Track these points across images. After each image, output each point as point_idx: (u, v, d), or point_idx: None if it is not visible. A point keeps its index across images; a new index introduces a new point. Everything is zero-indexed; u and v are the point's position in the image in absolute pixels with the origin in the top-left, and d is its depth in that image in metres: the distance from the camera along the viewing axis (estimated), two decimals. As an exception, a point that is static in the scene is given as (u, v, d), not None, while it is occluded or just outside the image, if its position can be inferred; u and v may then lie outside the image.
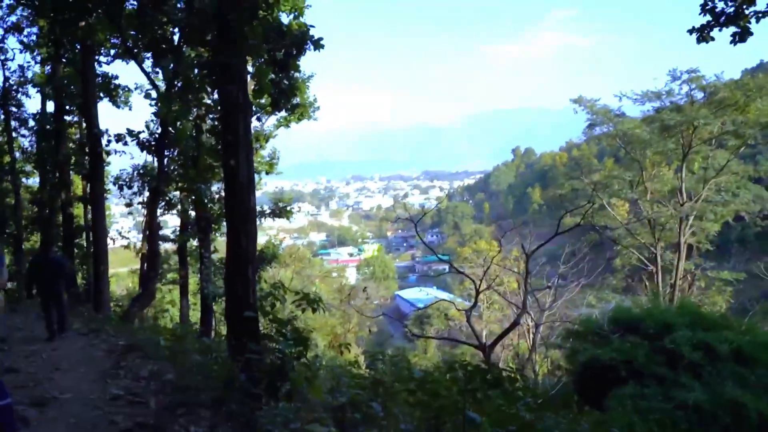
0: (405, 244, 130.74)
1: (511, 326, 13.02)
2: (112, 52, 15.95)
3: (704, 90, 20.72)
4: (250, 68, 9.46)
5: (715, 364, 8.87)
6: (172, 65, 10.53)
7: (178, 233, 17.13)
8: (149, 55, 12.81)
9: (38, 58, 18.10)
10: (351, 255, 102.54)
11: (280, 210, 18.45)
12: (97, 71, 15.13)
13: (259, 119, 17.67)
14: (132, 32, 11.10)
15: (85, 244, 20.20)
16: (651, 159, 23.48)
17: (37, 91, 18.22)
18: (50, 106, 17.65)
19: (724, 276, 22.03)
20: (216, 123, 12.89)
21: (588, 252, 21.89)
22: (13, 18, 17.12)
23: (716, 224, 22.59)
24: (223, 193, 10.84)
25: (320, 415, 4.61)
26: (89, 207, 18.46)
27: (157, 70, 13.86)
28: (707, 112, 19.54)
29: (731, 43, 6.86)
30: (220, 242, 16.11)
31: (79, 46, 13.42)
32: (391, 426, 4.57)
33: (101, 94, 16.47)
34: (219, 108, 6.18)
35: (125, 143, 14.28)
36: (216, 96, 9.15)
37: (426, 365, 19.62)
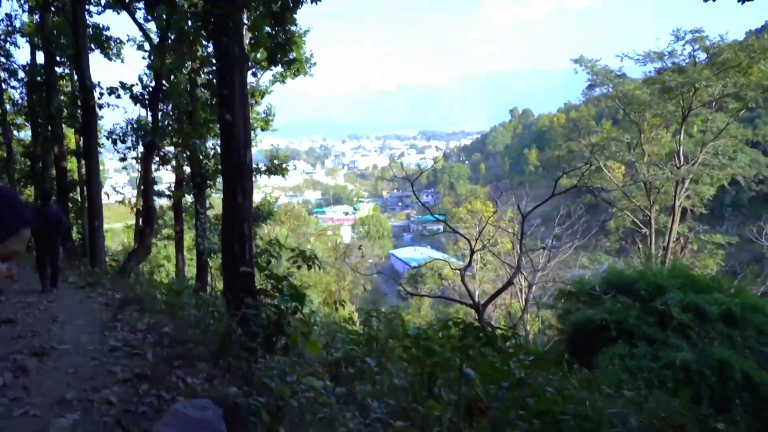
0: (400, 204, 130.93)
1: (505, 286, 13.16)
2: (103, 1, 15.50)
3: (707, 51, 20.39)
4: (246, 20, 9.22)
5: (704, 325, 9.05)
6: (165, 16, 10.23)
7: (173, 189, 17.05)
8: (141, 5, 12.45)
9: (26, 6, 17.55)
10: (346, 214, 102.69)
11: (276, 167, 18.34)
12: (88, 21, 14.72)
13: (254, 74, 17.36)
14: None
15: (79, 199, 20.10)
16: (650, 121, 23.31)
17: (27, 41, 17.73)
18: (40, 57, 17.23)
19: (717, 239, 22.25)
20: (211, 77, 12.64)
21: (583, 214, 21.96)
22: (-1, -37, 16.54)
23: (712, 188, 22.65)
24: (218, 149, 10.71)
25: (317, 369, 4.69)
26: (83, 161, 18.31)
27: (150, 20, 13.48)
28: (709, 73, 19.27)
29: (739, 1, 6.69)
30: (215, 198, 16.05)
31: (68, -6, 13.01)
32: (385, 381, 4.65)
33: (92, 46, 16.07)
34: (214, 61, 6.04)
35: (118, 96, 14.02)
36: (211, 49, 8.92)
37: (420, 323, 19.94)
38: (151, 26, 14.25)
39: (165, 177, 23.47)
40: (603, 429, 3.48)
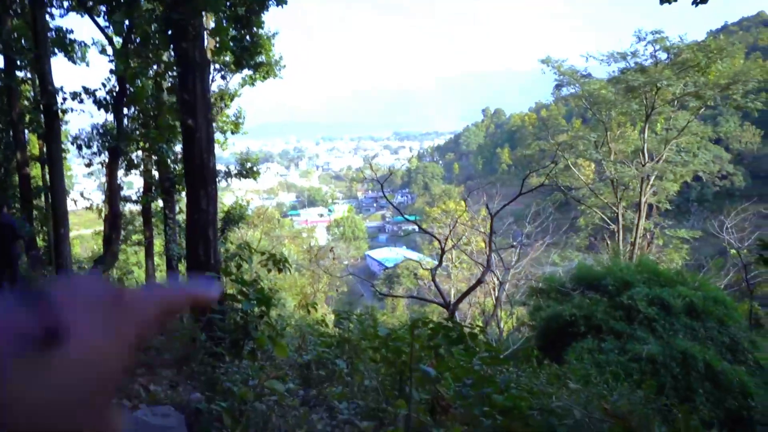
0: (375, 205, 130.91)
1: (475, 284, 13.29)
2: (65, 4, 15.17)
3: (668, 51, 20.95)
4: (212, 24, 9.14)
5: (668, 318, 9.30)
6: (127, 20, 10.08)
7: (141, 194, 16.77)
8: (104, 8, 12.22)
9: (-16, 10, 17.05)
10: (321, 216, 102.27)
11: (247, 170, 18.18)
12: (51, 25, 14.39)
13: (223, 77, 17.19)
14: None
15: (44, 206, 19.61)
16: (615, 119, 23.82)
17: (-14, 45, 17.24)
18: (0, 62, 16.78)
19: (681, 234, 22.86)
20: (174, 81, 12.48)
21: (553, 212, 22.31)
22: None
23: (675, 184, 23.25)
24: (186, 154, 10.59)
25: (285, 373, 4.68)
26: (47, 168, 17.87)
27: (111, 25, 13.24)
28: (670, 73, 19.80)
29: (693, 3, 6.90)
30: (184, 203, 15.82)
31: (28, -2, 12.71)
32: (355, 382, 4.67)
33: (56, 50, 15.71)
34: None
35: (81, 101, 13.73)
36: (175, 53, 8.83)
37: (394, 324, 19.98)
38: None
39: (136, 182, 23.09)
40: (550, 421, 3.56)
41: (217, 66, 15.86)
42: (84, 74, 15.04)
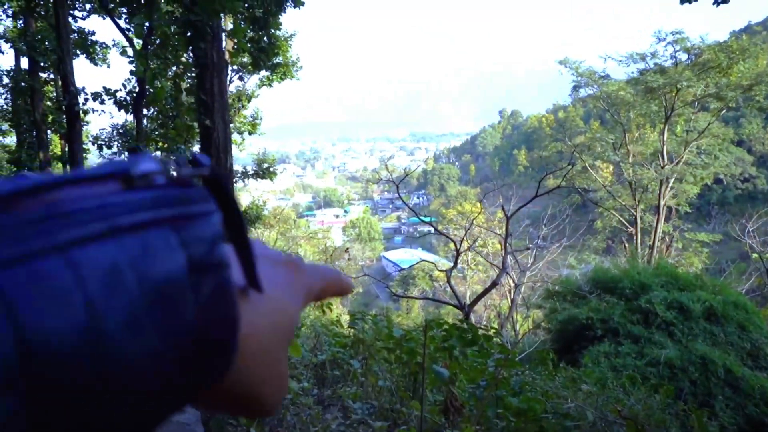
0: (391, 206, 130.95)
1: (490, 286, 13.22)
2: (88, 7, 15.42)
3: (688, 52, 20.69)
4: (230, 26, 9.23)
5: (687, 322, 9.18)
6: (147, 22, 10.22)
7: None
8: (125, 10, 12.39)
9: (9, 12, 17.43)
10: (337, 216, 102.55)
11: (264, 171, 18.33)
12: (73, 27, 14.65)
13: (241, 78, 17.35)
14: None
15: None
16: (634, 121, 23.57)
17: (11, 47, 17.61)
18: (25, 63, 17.12)
19: (701, 238, 22.54)
20: (192, 82, 12.62)
21: (570, 214, 22.14)
22: (-19, -31, 16.40)
23: (695, 187, 22.94)
24: (204, 154, 10.68)
25: (300, 372, 4.71)
26: (68, 167, 18.18)
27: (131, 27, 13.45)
28: (691, 74, 19.54)
29: (714, 3, 6.82)
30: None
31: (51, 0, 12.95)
32: (370, 383, 4.68)
33: (78, 51, 15.99)
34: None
35: (102, 102, 13.95)
36: (193, 54, 8.93)
37: (409, 325, 19.97)
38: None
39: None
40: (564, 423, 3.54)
41: (235, 67, 16.01)
42: (105, 75, 15.28)
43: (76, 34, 15.55)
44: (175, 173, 0.28)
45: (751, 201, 38.60)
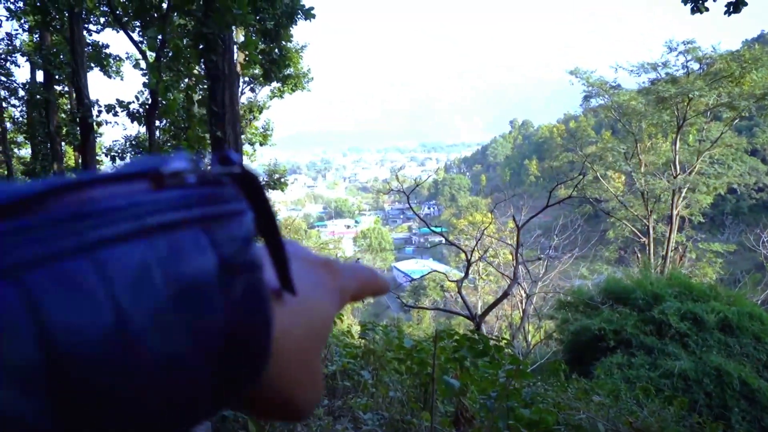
0: (402, 216, 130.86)
1: (502, 297, 13.13)
2: (102, 20, 15.68)
3: (700, 61, 20.60)
4: (242, 38, 9.33)
5: (701, 333, 9.06)
6: (160, 35, 10.37)
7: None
8: (138, 23, 12.60)
9: (26, 26, 17.76)
10: (348, 227, 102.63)
11: (275, 181, 18.42)
12: (88, 40, 14.89)
13: (252, 90, 17.51)
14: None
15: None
16: (646, 131, 23.46)
17: (26, 60, 17.91)
18: (40, 76, 17.41)
19: (715, 248, 22.28)
20: (203, 93, 12.77)
21: (582, 224, 22.00)
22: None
23: (709, 196, 22.73)
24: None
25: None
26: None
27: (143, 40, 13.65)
28: (702, 83, 19.44)
29: (725, 13, 6.80)
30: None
31: (66, 14, 13.18)
32: (380, 393, 4.67)
33: (92, 64, 16.24)
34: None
35: (115, 113, 14.14)
36: (205, 66, 9.02)
37: (420, 335, 19.88)
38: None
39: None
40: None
41: (246, 79, 16.17)
42: (118, 87, 15.49)
43: (90, 48, 15.81)
44: (206, 172, 0.27)
45: (766, 211, 38.14)
